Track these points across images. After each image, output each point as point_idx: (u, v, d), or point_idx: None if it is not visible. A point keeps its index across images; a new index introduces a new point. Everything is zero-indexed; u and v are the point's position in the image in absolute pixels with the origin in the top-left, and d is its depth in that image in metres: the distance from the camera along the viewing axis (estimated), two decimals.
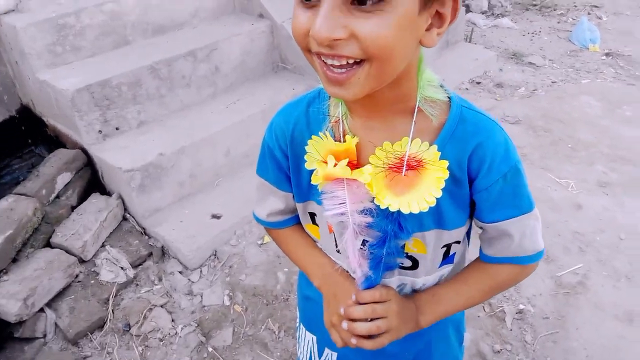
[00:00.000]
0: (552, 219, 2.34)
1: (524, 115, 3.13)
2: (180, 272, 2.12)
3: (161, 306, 1.98)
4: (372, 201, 0.72)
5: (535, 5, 5.00)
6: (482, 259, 0.85)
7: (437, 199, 0.70)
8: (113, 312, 1.96)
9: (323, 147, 0.73)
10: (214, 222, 2.29)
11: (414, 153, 0.69)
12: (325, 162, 0.73)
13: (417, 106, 0.70)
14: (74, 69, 2.50)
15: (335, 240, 0.84)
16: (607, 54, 4.03)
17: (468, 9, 4.68)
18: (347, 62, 0.58)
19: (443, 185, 0.69)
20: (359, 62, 0.58)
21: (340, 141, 0.73)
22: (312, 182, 0.76)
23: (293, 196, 0.87)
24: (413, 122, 0.70)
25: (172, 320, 1.94)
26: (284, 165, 0.84)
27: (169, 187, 2.37)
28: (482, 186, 0.73)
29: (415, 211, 0.69)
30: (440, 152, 0.69)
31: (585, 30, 4.19)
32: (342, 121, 0.73)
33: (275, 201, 0.90)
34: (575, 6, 5.01)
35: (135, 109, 2.53)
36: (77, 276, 2.01)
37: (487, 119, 0.74)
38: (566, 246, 2.20)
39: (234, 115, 2.63)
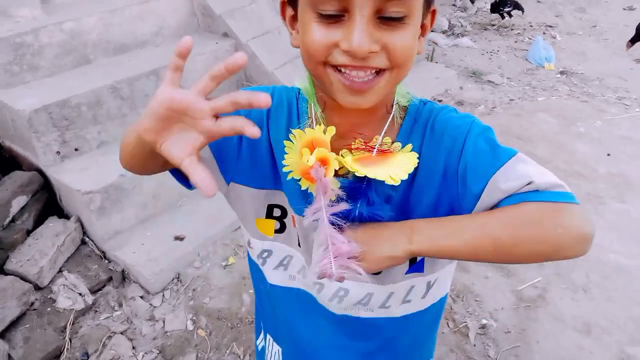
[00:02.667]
0: None
1: None
2: (141, 297, 2.07)
3: (121, 333, 1.92)
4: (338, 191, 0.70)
5: (493, 25, 5.18)
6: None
7: (411, 191, 0.71)
8: (70, 341, 1.89)
9: (302, 139, 0.71)
10: (177, 244, 2.25)
11: (382, 143, 0.71)
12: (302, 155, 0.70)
13: (392, 113, 0.73)
14: (31, 89, 2.44)
15: (298, 236, 0.81)
16: (561, 72, 4.21)
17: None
18: (371, 72, 0.62)
19: (410, 170, 0.68)
20: (380, 72, 0.62)
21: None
22: (284, 169, 0.73)
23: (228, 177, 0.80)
24: (387, 123, 0.73)
25: (133, 348, 1.88)
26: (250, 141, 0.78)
27: (130, 209, 2.32)
28: (456, 158, 0.70)
29: (381, 178, 0.67)
30: (411, 145, 0.71)
31: (540, 49, 4.37)
32: (319, 118, 0.74)
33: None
34: (531, 26, 5.22)
35: (96, 129, 2.48)
36: (32, 304, 1.93)
37: (442, 107, 0.76)
38: None
39: None
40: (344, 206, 0.70)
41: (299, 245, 0.83)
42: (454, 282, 2.14)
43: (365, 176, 0.68)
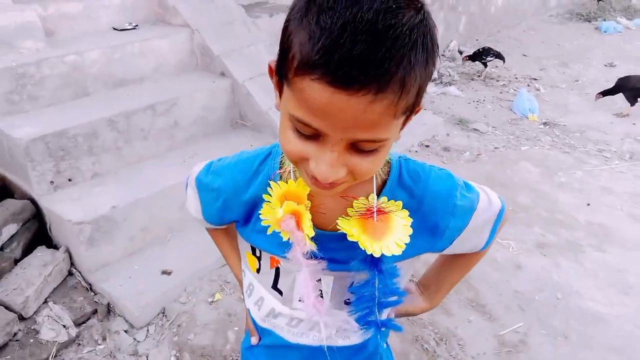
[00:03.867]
0: (495, 278, 2.45)
1: (468, 178, 3.25)
2: (125, 331, 2.06)
3: None
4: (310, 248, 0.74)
5: (479, 76, 5.39)
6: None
7: None
8: None
9: (276, 192, 0.76)
10: (164, 278, 2.26)
11: (378, 204, 0.75)
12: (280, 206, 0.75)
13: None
14: (30, 118, 2.49)
15: (276, 277, 0.85)
16: (544, 123, 4.37)
17: None
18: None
19: (410, 231, 0.73)
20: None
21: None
22: (266, 227, 0.77)
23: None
24: (374, 180, 0.76)
25: None
26: (230, 211, 0.87)
27: (119, 241, 2.33)
28: (444, 220, 0.80)
29: (394, 253, 0.72)
30: (401, 202, 0.75)
31: (524, 100, 4.55)
32: (292, 172, 0.77)
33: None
34: (516, 78, 5.44)
35: (90, 161, 2.52)
36: (15, 334, 1.91)
37: (423, 169, 0.81)
38: (507, 305, 2.30)
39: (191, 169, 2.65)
40: (321, 265, 0.75)
41: (272, 287, 0.87)
42: (438, 325, 2.17)
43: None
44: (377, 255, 0.72)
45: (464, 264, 0.99)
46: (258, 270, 0.88)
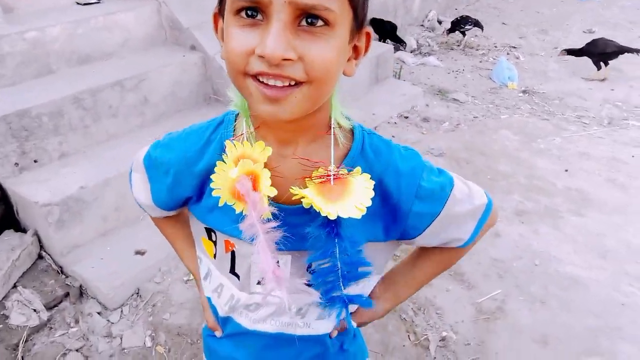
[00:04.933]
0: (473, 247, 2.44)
1: (447, 148, 3.29)
2: (99, 313, 2.02)
3: (76, 350, 1.87)
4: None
5: (459, 45, 5.33)
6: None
7: None
8: (23, 359, 1.82)
9: (232, 154, 0.70)
10: (138, 259, 2.21)
11: (336, 170, 0.70)
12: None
13: (332, 133, 0.72)
14: None
15: (232, 262, 0.81)
16: (523, 91, 4.34)
17: (397, 48, 4.91)
18: (289, 84, 0.59)
19: (372, 194, 0.69)
20: (297, 84, 0.60)
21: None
22: (219, 200, 0.72)
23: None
24: (332, 145, 0.72)
25: None
26: (181, 186, 0.82)
27: (90, 222, 2.27)
28: (407, 202, 0.76)
29: (353, 216, 0.68)
30: (360, 167, 0.71)
31: (504, 69, 4.51)
32: (249, 135, 0.72)
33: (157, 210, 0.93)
34: (496, 47, 5.39)
35: (57, 140, 2.43)
36: None
37: (387, 145, 0.77)
38: (486, 273, 2.30)
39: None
40: (279, 233, 0.69)
41: (230, 272, 0.83)
42: (416, 295, 2.16)
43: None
44: (332, 217, 0.67)
45: (442, 260, 0.93)
46: (215, 256, 0.84)
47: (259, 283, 0.81)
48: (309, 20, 0.57)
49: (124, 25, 2.96)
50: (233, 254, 0.81)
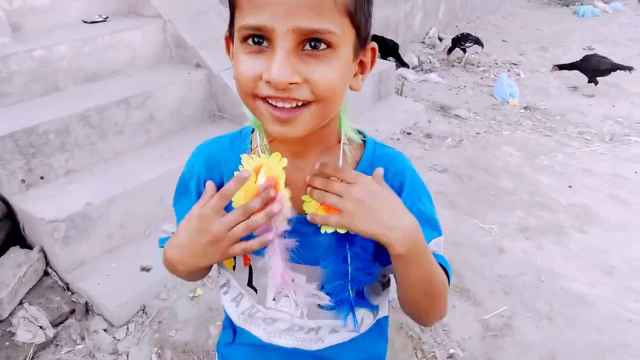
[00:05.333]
0: (478, 263, 2.44)
1: (450, 164, 3.30)
2: (105, 330, 2.01)
3: None
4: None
5: (460, 62, 5.38)
6: None
7: None
8: None
9: (251, 165, 0.71)
10: (144, 275, 2.21)
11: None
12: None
13: (342, 145, 0.75)
14: None
15: (250, 275, 0.83)
16: (525, 108, 4.37)
17: (400, 65, 4.96)
18: (297, 105, 0.63)
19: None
20: (305, 104, 0.63)
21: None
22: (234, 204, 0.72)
23: None
24: (340, 156, 0.75)
25: None
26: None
27: (96, 239, 2.27)
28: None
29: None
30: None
31: (505, 85, 4.55)
32: (264, 148, 0.75)
33: None
34: (497, 63, 5.44)
35: (63, 157, 2.45)
36: None
37: (397, 154, 0.81)
38: (491, 289, 2.30)
39: (169, 162, 2.60)
40: (292, 243, 0.71)
41: (248, 284, 0.85)
42: None
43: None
44: (342, 231, 0.72)
45: None
46: (234, 268, 0.86)
47: (274, 299, 0.83)
48: (313, 44, 0.60)
49: (130, 44, 3.00)
50: (251, 268, 0.83)
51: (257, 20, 0.59)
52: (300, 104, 0.63)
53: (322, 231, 0.73)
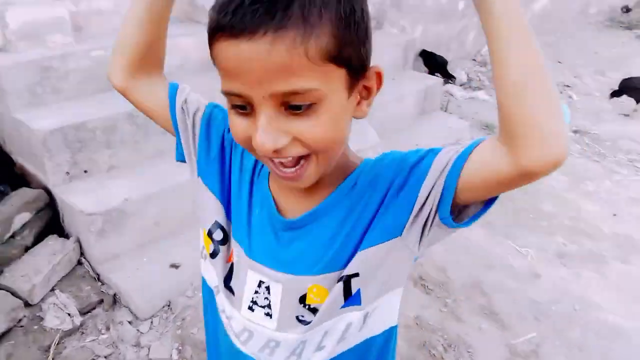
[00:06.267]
0: (510, 286, 2.35)
1: None
2: (129, 322, 2.07)
3: (105, 357, 1.91)
4: None
5: None
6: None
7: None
8: None
9: None
10: (172, 272, 2.26)
11: None
12: None
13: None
14: (51, 111, 2.53)
15: (229, 275, 0.79)
16: (575, 131, 4.20)
17: (447, 81, 4.89)
18: (298, 159, 0.61)
19: None
20: (305, 157, 0.61)
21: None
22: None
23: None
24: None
25: None
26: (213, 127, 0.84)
27: (130, 234, 2.35)
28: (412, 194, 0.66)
29: None
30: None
31: None
32: None
33: None
34: None
35: (107, 153, 2.55)
36: (20, 320, 1.94)
37: (382, 154, 0.73)
38: (522, 314, 2.20)
39: None
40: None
41: (224, 284, 0.80)
42: (447, 331, 2.09)
43: None
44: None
45: None
46: (212, 255, 0.81)
47: (250, 309, 0.77)
48: (294, 104, 0.57)
49: (183, 48, 3.10)
50: (232, 267, 0.79)
51: (235, 88, 0.58)
52: (300, 157, 0.61)
53: None
